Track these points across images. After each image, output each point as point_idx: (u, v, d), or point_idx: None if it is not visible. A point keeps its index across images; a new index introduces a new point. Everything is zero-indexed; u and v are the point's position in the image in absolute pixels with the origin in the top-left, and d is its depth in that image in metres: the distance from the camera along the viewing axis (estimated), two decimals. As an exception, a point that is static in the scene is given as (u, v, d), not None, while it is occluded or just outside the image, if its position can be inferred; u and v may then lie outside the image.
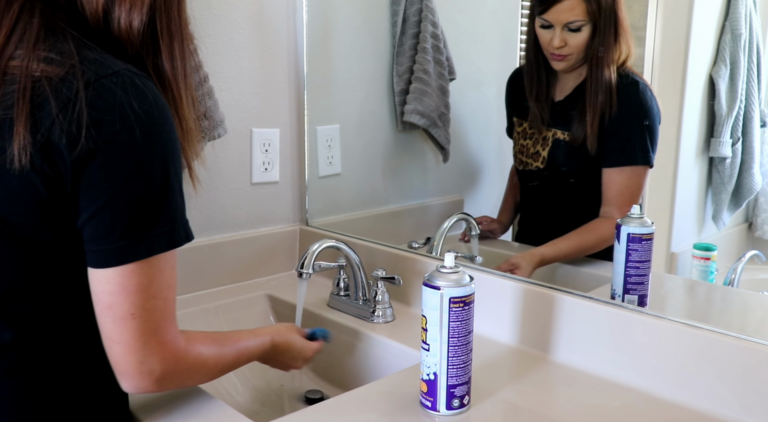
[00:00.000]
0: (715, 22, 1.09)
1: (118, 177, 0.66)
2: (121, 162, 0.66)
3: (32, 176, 0.65)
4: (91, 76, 0.65)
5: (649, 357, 0.91)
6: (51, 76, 0.65)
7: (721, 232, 1.16)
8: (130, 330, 0.69)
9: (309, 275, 1.12)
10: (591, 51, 1.11)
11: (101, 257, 0.67)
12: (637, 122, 1.11)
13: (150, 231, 0.68)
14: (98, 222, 0.67)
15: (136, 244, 0.67)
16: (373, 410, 0.87)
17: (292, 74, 1.48)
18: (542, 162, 1.21)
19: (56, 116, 0.64)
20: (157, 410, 0.86)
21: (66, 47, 0.67)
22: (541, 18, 1.14)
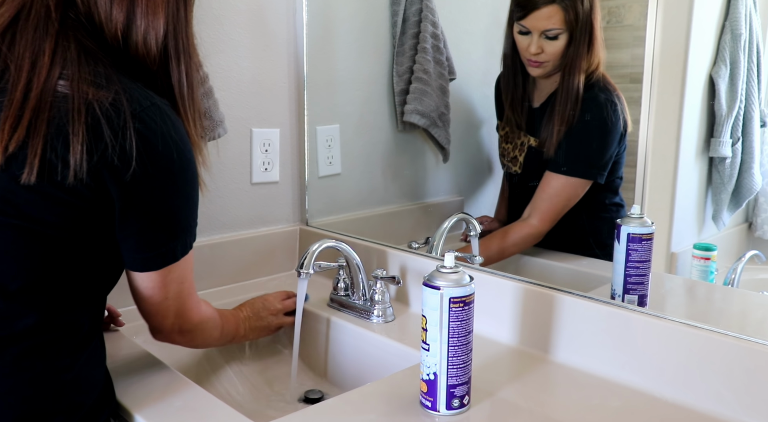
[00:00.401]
0: (715, 22, 1.09)
1: (161, 197, 0.77)
2: (164, 184, 0.77)
3: (82, 190, 0.72)
4: (137, 106, 0.74)
5: (649, 357, 0.91)
6: (102, 101, 0.72)
7: (721, 232, 1.16)
8: (164, 309, 0.87)
9: (309, 275, 1.12)
10: (566, 59, 1.11)
11: (144, 263, 0.81)
12: (590, 133, 1.11)
13: (182, 237, 0.83)
14: (142, 235, 0.79)
15: (173, 250, 0.82)
16: (373, 410, 0.87)
17: (292, 74, 1.48)
18: (519, 167, 1.22)
19: (109, 140, 0.71)
20: (157, 410, 0.86)
21: (105, 72, 0.74)
22: (519, 24, 1.15)
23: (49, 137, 0.70)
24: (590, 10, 1.10)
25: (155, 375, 0.96)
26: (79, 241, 0.76)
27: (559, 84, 1.13)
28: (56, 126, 0.70)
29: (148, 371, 0.98)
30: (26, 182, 0.70)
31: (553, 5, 1.11)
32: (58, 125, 0.70)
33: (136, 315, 0.92)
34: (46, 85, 0.71)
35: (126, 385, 0.91)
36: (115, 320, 1.13)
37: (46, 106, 0.71)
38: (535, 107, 1.21)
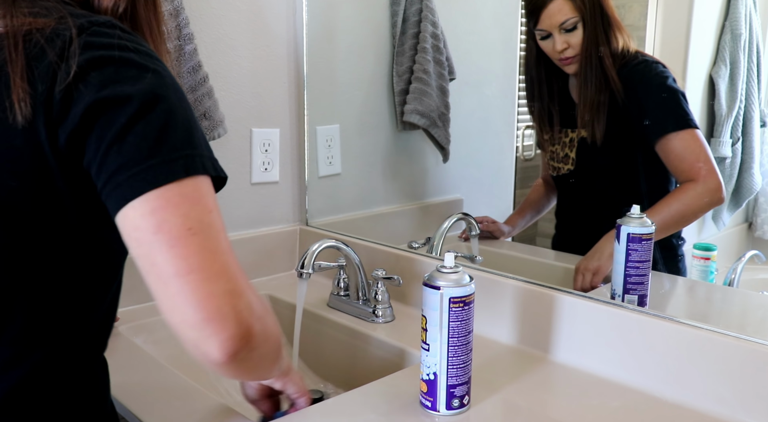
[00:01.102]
0: (715, 22, 1.09)
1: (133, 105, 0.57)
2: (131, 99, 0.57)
3: (38, 132, 0.57)
4: (84, 23, 0.60)
5: (649, 357, 0.91)
6: (42, 28, 0.59)
7: (721, 232, 1.16)
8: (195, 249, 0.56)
9: (309, 275, 1.12)
10: (586, 44, 1.12)
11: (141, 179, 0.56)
12: (656, 93, 1.10)
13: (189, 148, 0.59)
14: (120, 145, 0.56)
15: (175, 160, 0.57)
16: (373, 410, 0.87)
17: (292, 74, 1.48)
18: (572, 164, 1.21)
19: (55, 64, 0.57)
20: (157, 410, 0.86)
21: (48, 4, 0.63)
22: (537, 30, 1.16)
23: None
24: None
25: (155, 376, 0.96)
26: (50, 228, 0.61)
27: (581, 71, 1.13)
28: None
29: (147, 371, 0.98)
30: None
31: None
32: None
33: (136, 315, 0.91)
34: None
35: (125, 385, 0.91)
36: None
37: None
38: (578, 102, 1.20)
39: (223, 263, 0.56)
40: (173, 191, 0.56)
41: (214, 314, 0.55)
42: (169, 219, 0.55)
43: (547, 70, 1.20)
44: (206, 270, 0.55)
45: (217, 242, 0.57)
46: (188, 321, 0.55)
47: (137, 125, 0.57)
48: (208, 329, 0.55)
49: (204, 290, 0.55)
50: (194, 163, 0.58)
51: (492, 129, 1.51)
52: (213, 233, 0.57)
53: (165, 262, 0.55)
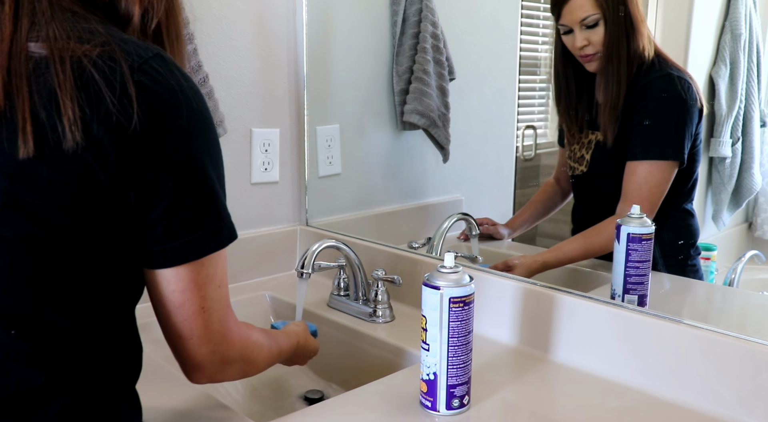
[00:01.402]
0: (715, 22, 1.09)
1: (189, 163, 0.62)
2: (189, 146, 0.62)
3: (89, 158, 0.58)
4: (135, 58, 0.60)
5: (648, 356, 0.91)
6: (89, 55, 0.58)
7: (721, 232, 1.16)
8: (201, 324, 0.68)
9: (309, 275, 1.12)
10: (608, 43, 1.10)
11: (176, 253, 0.63)
12: (661, 114, 1.08)
13: (225, 215, 0.67)
14: (172, 217, 0.62)
15: (216, 231, 0.65)
16: (373, 410, 0.87)
17: (292, 74, 1.48)
18: (586, 166, 1.20)
19: (108, 98, 0.58)
20: (158, 410, 0.86)
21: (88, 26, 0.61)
22: (560, 25, 1.14)
23: (36, 99, 0.57)
24: None
25: (155, 376, 0.96)
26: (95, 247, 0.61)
27: (602, 68, 1.12)
28: (42, 88, 0.57)
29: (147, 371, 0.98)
30: (25, 156, 0.56)
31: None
32: (43, 87, 0.57)
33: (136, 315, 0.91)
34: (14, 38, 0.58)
35: (126, 385, 0.91)
36: None
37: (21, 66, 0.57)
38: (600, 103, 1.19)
39: (215, 333, 0.70)
40: (201, 270, 0.66)
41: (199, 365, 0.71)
42: (191, 299, 0.67)
43: (574, 68, 1.18)
44: (202, 338, 0.69)
45: (218, 314, 0.69)
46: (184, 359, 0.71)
47: (187, 195, 0.63)
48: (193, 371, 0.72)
49: (197, 351, 0.70)
50: (221, 237, 0.67)
51: (492, 129, 1.51)
52: (218, 307, 0.69)
53: (178, 327, 0.68)
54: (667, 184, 1.08)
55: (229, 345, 0.72)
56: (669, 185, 1.08)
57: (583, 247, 1.16)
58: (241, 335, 0.74)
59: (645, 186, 1.09)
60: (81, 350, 0.62)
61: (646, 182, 1.09)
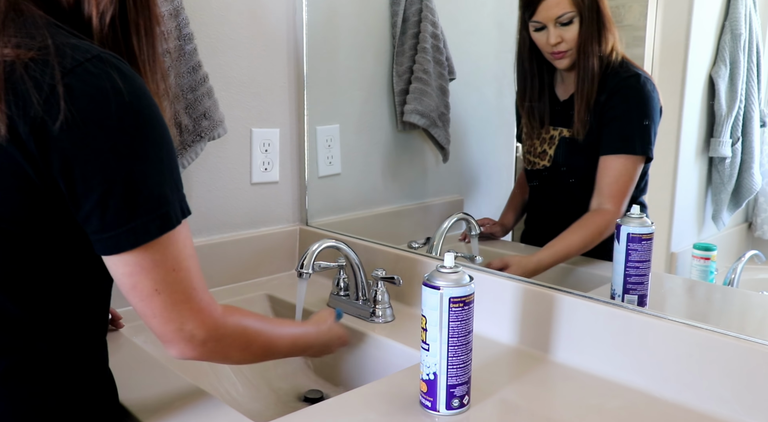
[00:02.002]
0: (715, 22, 1.09)
1: (115, 161, 0.65)
2: (115, 145, 0.65)
3: (15, 154, 0.63)
4: (69, 61, 0.64)
5: (648, 357, 0.91)
6: (24, 59, 0.63)
7: (720, 232, 1.16)
8: (159, 304, 0.71)
9: (309, 275, 1.12)
10: (580, 40, 1.12)
11: (111, 243, 0.68)
12: (635, 112, 1.12)
13: (157, 209, 0.68)
14: (102, 208, 0.66)
15: (145, 225, 0.68)
16: (373, 410, 0.87)
17: (292, 74, 1.48)
18: (549, 161, 1.21)
19: (36, 103, 0.62)
20: (158, 410, 0.86)
21: (36, 31, 0.65)
22: (533, 22, 1.16)
23: None
24: None
25: (155, 376, 0.96)
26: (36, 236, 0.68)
27: (577, 66, 1.14)
28: None
29: (147, 371, 0.98)
30: None
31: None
32: None
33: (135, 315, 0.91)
34: None
35: (125, 386, 0.91)
36: (115, 321, 1.12)
37: None
38: (563, 100, 1.21)
39: (180, 311, 0.72)
40: (145, 256, 0.69)
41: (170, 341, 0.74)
42: (141, 282, 0.70)
43: (538, 64, 1.21)
44: (165, 317, 0.72)
45: (178, 295, 0.72)
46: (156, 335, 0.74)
47: (116, 187, 0.66)
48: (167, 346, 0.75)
49: (163, 328, 0.73)
50: (168, 221, 0.69)
51: (492, 129, 1.51)
52: (175, 288, 0.72)
53: (138, 307, 0.72)
54: (636, 178, 1.12)
55: (199, 323, 0.74)
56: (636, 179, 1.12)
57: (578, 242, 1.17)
58: (213, 315, 0.76)
59: (621, 179, 1.12)
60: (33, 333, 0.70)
61: (621, 175, 1.12)
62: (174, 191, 0.71)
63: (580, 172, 1.19)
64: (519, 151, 1.40)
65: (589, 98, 1.13)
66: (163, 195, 0.69)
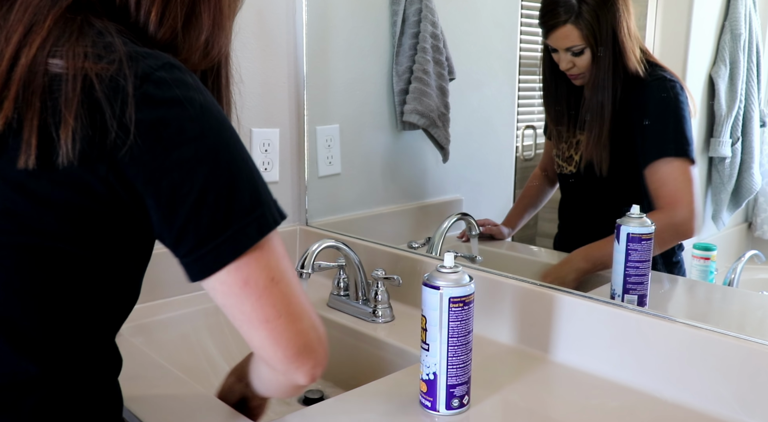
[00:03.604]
0: (715, 22, 1.09)
1: (200, 170, 0.61)
2: (199, 154, 0.61)
3: (83, 173, 0.59)
4: (142, 69, 0.60)
5: (648, 356, 0.91)
6: (100, 74, 0.59)
7: (720, 232, 1.16)
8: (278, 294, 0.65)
9: (309, 275, 1.12)
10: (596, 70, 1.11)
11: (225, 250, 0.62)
12: (668, 116, 1.09)
13: (254, 210, 0.64)
14: (197, 221, 0.61)
15: (243, 229, 0.63)
16: (373, 410, 0.87)
17: (292, 74, 1.48)
18: (574, 166, 1.20)
19: (110, 117, 0.58)
20: (157, 410, 0.86)
21: (109, 41, 0.62)
22: (546, 43, 1.16)
23: (45, 114, 0.58)
24: (614, 22, 1.08)
25: (155, 376, 0.96)
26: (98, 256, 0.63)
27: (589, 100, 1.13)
28: (52, 105, 0.58)
29: (147, 372, 0.98)
30: (24, 166, 0.57)
31: (567, 25, 1.11)
32: (54, 105, 0.58)
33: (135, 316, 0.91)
34: (36, 58, 0.59)
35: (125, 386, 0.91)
36: None
37: (38, 83, 0.59)
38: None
39: (301, 303, 0.67)
40: (253, 251, 0.63)
41: (302, 350, 0.67)
42: (254, 274, 0.63)
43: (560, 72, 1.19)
44: (291, 313, 0.65)
45: (294, 284, 0.66)
46: (280, 357, 0.66)
47: (208, 196, 0.61)
48: (297, 362, 0.67)
49: (291, 331, 0.66)
50: (266, 222, 0.65)
51: (492, 129, 1.51)
52: (289, 276, 0.66)
53: (254, 310, 0.64)
54: (693, 181, 1.07)
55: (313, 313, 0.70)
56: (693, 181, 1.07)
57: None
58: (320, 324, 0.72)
59: (670, 182, 1.08)
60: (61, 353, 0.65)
61: (670, 177, 1.08)
62: (266, 191, 0.68)
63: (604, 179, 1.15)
64: (519, 151, 1.40)
65: (599, 135, 1.11)
66: (256, 196, 0.65)
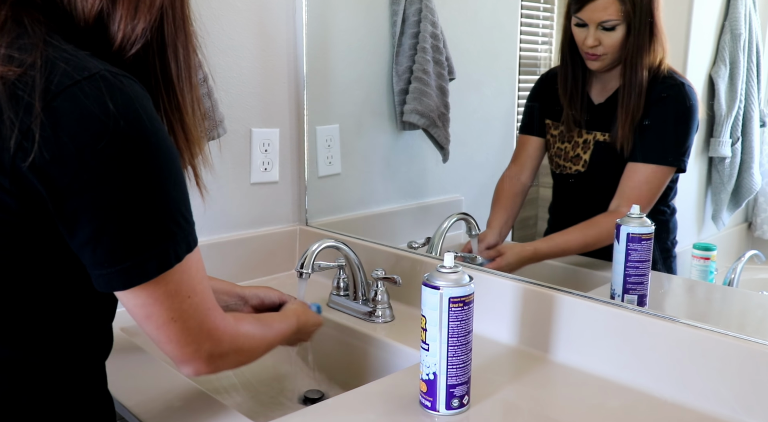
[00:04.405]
0: (715, 22, 1.09)
1: (106, 196, 0.59)
2: (109, 179, 0.59)
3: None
4: (60, 80, 0.57)
5: (648, 356, 0.91)
6: (11, 78, 0.57)
7: (720, 232, 1.16)
8: (176, 331, 0.69)
9: (309, 275, 1.12)
10: (625, 51, 1.09)
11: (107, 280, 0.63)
12: (673, 123, 1.09)
13: (157, 245, 0.63)
14: (94, 247, 0.61)
15: (142, 264, 0.63)
16: (373, 410, 0.87)
17: (292, 74, 1.48)
18: (583, 166, 1.18)
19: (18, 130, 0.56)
20: (158, 410, 0.86)
21: (30, 41, 0.59)
22: (576, 16, 1.12)
23: None
24: (652, 2, 1.07)
25: (155, 376, 0.96)
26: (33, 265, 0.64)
27: (622, 78, 1.11)
28: None
29: (147, 372, 0.98)
30: None
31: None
32: None
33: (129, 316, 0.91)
34: None
35: (125, 386, 0.91)
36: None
37: None
38: (597, 103, 1.18)
39: (197, 335, 0.71)
40: (156, 289, 0.65)
41: (188, 364, 0.72)
42: (155, 313, 0.67)
43: (572, 65, 1.17)
44: (182, 342, 0.70)
45: (195, 320, 0.70)
46: (171, 357, 0.72)
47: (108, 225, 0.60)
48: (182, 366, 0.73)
49: (180, 351, 0.71)
50: (167, 259, 0.64)
51: (492, 129, 1.51)
52: (191, 314, 0.69)
53: (153, 335, 0.69)
54: (662, 189, 1.10)
55: (216, 342, 0.73)
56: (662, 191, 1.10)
57: (579, 239, 1.15)
58: (228, 330, 0.75)
59: (646, 187, 1.09)
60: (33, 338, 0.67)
61: (647, 183, 1.09)
62: (178, 225, 0.65)
63: (615, 177, 1.15)
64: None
65: (635, 113, 1.09)
66: (163, 232, 0.63)
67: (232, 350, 0.76)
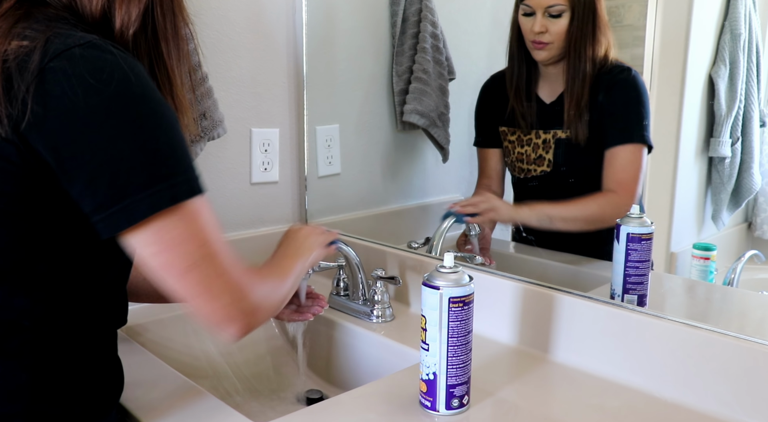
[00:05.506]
0: (715, 22, 1.09)
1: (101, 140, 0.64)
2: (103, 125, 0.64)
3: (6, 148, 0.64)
4: (57, 47, 0.64)
5: (648, 356, 0.92)
6: (19, 51, 0.64)
7: (720, 232, 1.16)
8: (197, 281, 0.68)
9: (309, 274, 1.12)
10: (570, 40, 1.11)
11: (115, 220, 0.65)
12: (633, 104, 1.11)
13: (157, 183, 0.65)
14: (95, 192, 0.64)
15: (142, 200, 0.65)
16: (373, 410, 0.87)
17: (292, 74, 1.48)
18: (548, 165, 1.20)
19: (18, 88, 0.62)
20: (158, 410, 0.86)
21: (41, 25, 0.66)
22: (523, 5, 1.15)
23: None
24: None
25: (155, 376, 0.96)
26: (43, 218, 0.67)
27: (568, 68, 1.13)
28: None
29: (147, 371, 0.98)
30: None
31: None
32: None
33: (136, 315, 0.91)
34: None
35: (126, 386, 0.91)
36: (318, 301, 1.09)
37: None
38: (548, 103, 1.19)
39: (222, 282, 0.70)
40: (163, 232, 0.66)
41: (221, 321, 0.71)
42: (172, 261, 0.67)
43: (518, 63, 1.20)
44: (209, 293, 0.69)
45: (215, 266, 0.69)
46: (203, 320, 0.71)
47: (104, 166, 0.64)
48: (218, 328, 0.72)
49: (210, 307, 0.70)
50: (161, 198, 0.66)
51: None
52: (209, 263, 0.69)
53: (176, 289, 0.69)
54: (644, 167, 1.11)
55: (243, 294, 0.72)
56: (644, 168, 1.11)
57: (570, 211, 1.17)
58: (255, 283, 0.75)
59: (630, 167, 1.11)
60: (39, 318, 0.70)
61: (630, 163, 1.11)
62: (172, 168, 0.67)
63: (582, 172, 1.18)
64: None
65: (579, 99, 1.12)
66: (156, 173, 0.66)
67: (263, 300, 0.76)
